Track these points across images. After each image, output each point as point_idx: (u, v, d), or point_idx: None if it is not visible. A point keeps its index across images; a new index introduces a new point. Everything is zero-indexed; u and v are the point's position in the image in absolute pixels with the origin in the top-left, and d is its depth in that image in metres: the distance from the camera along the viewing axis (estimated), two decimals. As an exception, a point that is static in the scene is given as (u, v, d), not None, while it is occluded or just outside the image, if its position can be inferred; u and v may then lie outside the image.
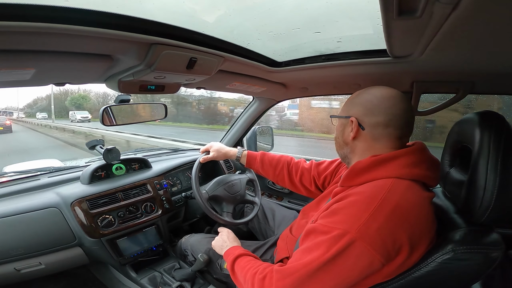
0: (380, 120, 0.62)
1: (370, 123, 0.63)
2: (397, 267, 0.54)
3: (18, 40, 0.51)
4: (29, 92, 76.07)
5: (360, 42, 0.82)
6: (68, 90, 28.61)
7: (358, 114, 0.65)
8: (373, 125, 0.63)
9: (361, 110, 0.65)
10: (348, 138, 0.67)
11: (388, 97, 0.63)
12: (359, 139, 0.66)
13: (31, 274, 1.00)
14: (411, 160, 0.60)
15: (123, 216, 1.14)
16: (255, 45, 0.88)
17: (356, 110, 0.66)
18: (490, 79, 0.83)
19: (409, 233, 0.53)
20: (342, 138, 0.70)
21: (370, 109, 0.63)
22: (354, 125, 0.65)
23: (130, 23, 0.59)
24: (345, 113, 0.69)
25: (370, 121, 0.63)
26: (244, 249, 0.83)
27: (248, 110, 1.62)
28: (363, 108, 0.64)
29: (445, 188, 0.72)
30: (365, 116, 0.64)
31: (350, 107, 0.68)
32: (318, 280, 0.54)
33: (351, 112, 0.67)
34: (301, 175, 1.02)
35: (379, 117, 0.62)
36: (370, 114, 0.63)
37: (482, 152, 0.53)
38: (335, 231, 0.54)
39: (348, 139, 0.68)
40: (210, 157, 1.12)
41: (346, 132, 0.68)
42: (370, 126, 0.64)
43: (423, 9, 0.41)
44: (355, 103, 0.67)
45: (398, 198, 0.54)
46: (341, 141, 0.71)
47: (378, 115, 0.62)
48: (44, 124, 15.84)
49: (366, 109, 0.64)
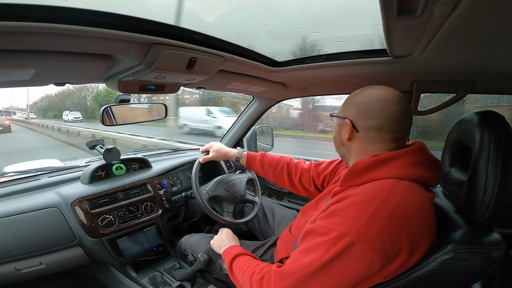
0: (372, 124, 0.62)
1: (363, 126, 0.63)
2: (397, 268, 0.54)
3: (18, 40, 0.51)
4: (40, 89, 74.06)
5: (360, 42, 0.82)
6: (84, 87, 26.49)
7: (353, 116, 0.65)
8: (366, 128, 0.63)
9: (355, 112, 0.65)
10: (344, 138, 0.68)
11: (382, 100, 0.61)
12: (354, 140, 0.66)
13: (32, 274, 1.00)
14: (411, 160, 0.59)
15: (123, 216, 1.14)
16: (255, 45, 0.88)
17: (351, 111, 0.66)
18: (490, 79, 0.83)
19: (409, 235, 0.52)
20: (339, 138, 0.71)
21: (363, 112, 0.63)
22: (349, 127, 0.65)
23: (130, 23, 0.59)
24: (342, 113, 0.69)
25: (363, 124, 0.63)
26: (243, 249, 0.83)
27: (248, 110, 1.62)
28: (357, 111, 0.64)
29: (445, 188, 0.72)
30: (358, 118, 0.64)
31: (346, 108, 0.68)
32: (317, 281, 0.54)
33: (346, 113, 0.67)
34: (300, 176, 1.02)
35: (372, 121, 0.62)
36: (363, 117, 0.63)
37: (482, 152, 0.53)
38: (334, 232, 0.53)
39: (344, 139, 0.68)
40: (209, 157, 1.12)
41: (342, 133, 0.68)
42: (363, 129, 0.63)
43: (423, 9, 0.41)
44: (351, 104, 0.67)
45: (398, 199, 0.54)
46: (338, 140, 0.72)
47: (370, 119, 0.62)
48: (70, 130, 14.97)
49: (359, 111, 0.64)
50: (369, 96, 0.63)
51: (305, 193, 1.04)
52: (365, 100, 0.63)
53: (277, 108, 8.99)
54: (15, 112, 35.76)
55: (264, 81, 1.17)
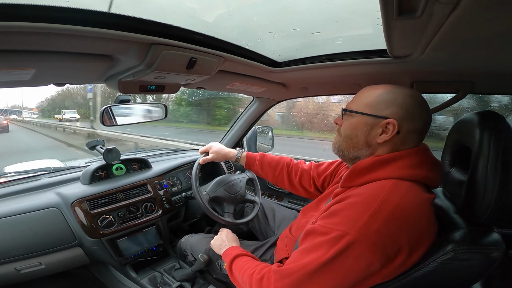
0: (419, 126, 0.61)
1: (409, 128, 0.60)
2: (396, 268, 0.54)
3: (18, 40, 0.51)
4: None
5: (360, 42, 0.82)
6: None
7: (397, 116, 0.60)
8: (411, 131, 0.60)
9: (400, 112, 0.60)
10: (374, 140, 0.62)
11: (424, 102, 0.61)
12: (387, 142, 0.62)
13: (31, 274, 1.00)
14: (413, 161, 0.59)
15: (123, 216, 1.14)
16: (255, 45, 0.88)
17: (392, 111, 0.60)
18: (490, 79, 0.83)
19: (409, 235, 0.52)
20: (366, 138, 0.63)
21: (412, 114, 0.59)
22: (392, 128, 0.60)
23: (130, 23, 0.59)
24: (376, 111, 0.62)
25: (409, 126, 0.60)
26: (243, 249, 0.83)
27: (248, 110, 1.62)
28: (404, 112, 0.60)
29: (445, 188, 0.72)
30: (404, 120, 0.60)
31: (383, 106, 0.61)
32: (317, 281, 0.54)
33: (384, 112, 0.61)
34: (300, 176, 1.02)
35: (419, 123, 0.60)
36: (410, 119, 0.59)
37: (482, 152, 0.53)
38: (334, 232, 0.53)
39: (374, 141, 0.62)
40: (209, 158, 1.12)
41: (373, 133, 0.62)
42: (406, 131, 0.60)
43: (423, 9, 0.41)
44: (392, 103, 0.61)
45: (398, 199, 0.53)
46: (362, 141, 0.64)
47: (418, 121, 0.60)
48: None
49: (407, 113, 0.59)
50: (414, 98, 0.61)
51: (305, 194, 1.04)
52: (411, 102, 0.60)
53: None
54: (20, 112, 34.53)
55: (264, 81, 1.17)
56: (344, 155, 0.69)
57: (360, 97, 0.66)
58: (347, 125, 0.67)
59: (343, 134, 0.68)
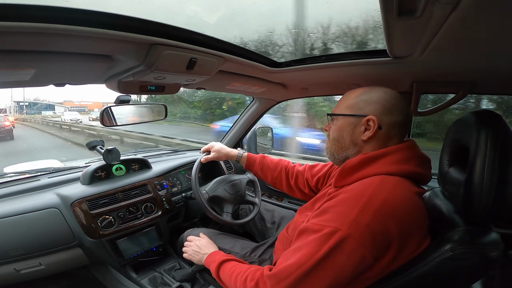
0: (399, 119, 0.63)
1: (389, 122, 0.63)
2: (389, 262, 0.55)
3: (18, 40, 0.51)
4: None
5: (360, 43, 0.82)
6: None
7: (376, 112, 0.63)
8: (392, 125, 0.63)
9: (379, 108, 0.63)
10: (359, 138, 0.65)
11: (401, 98, 0.65)
12: (372, 138, 0.64)
13: (31, 274, 1.00)
14: (400, 157, 0.61)
15: (123, 216, 1.14)
16: (255, 45, 0.88)
17: (372, 108, 0.64)
18: (490, 79, 0.83)
19: (399, 228, 0.53)
20: (351, 138, 0.67)
21: (389, 108, 0.63)
22: (372, 124, 0.63)
23: (130, 23, 0.59)
24: (357, 111, 0.66)
25: (389, 120, 0.63)
26: (225, 254, 0.82)
27: (248, 110, 1.62)
28: (382, 107, 0.63)
29: (444, 188, 0.72)
30: (384, 115, 0.63)
31: (362, 106, 0.65)
32: (313, 279, 0.54)
33: (364, 111, 0.65)
34: (296, 178, 1.03)
35: (399, 117, 0.63)
36: (389, 113, 0.63)
37: (479, 151, 0.53)
38: (326, 229, 0.54)
39: (359, 139, 0.66)
40: (211, 157, 1.12)
41: (357, 132, 0.66)
42: (387, 126, 0.63)
43: (423, 9, 0.41)
44: (369, 102, 0.65)
45: (386, 194, 0.55)
46: (348, 141, 0.67)
47: (397, 115, 0.63)
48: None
49: (384, 107, 0.63)
50: (391, 94, 0.65)
51: (300, 195, 1.05)
52: (388, 97, 0.64)
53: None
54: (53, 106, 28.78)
55: (264, 81, 1.17)
56: (335, 157, 0.72)
57: (342, 101, 0.71)
58: (334, 129, 0.71)
59: (331, 138, 0.72)
